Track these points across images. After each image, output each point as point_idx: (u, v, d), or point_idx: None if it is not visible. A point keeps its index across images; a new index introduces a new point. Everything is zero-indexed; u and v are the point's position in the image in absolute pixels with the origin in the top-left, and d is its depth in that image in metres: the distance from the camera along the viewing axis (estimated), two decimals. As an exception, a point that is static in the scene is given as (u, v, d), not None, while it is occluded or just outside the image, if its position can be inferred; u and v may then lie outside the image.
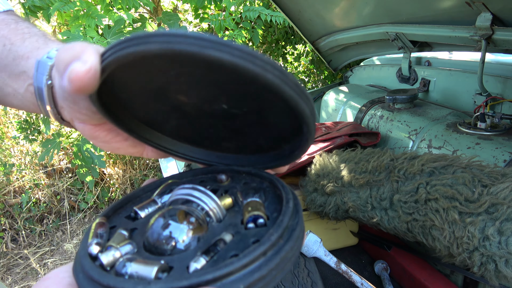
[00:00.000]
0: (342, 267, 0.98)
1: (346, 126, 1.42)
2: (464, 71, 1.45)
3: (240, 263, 0.29)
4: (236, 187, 0.46)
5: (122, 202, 0.45)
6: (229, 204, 0.42)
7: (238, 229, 0.37)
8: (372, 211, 1.02)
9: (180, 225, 0.36)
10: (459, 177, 0.86)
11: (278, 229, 0.33)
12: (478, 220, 0.79)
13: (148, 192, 0.48)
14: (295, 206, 0.38)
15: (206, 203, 0.39)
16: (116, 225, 0.41)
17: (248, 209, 0.39)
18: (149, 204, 0.43)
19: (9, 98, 0.50)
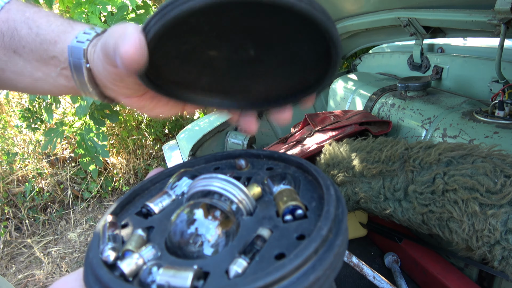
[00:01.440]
0: (354, 259, 0.95)
1: (356, 115, 1.38)
2: (479, 57, 1.40)
3: (292, 265, 0.25)
4: (259, 173, 0.40)
5: (130, 197, 0.40)
6: (258, 194, 0.37)
7: (275, 223, 0.33)
8: (385, 202, 0.98)
9: (208, 221, 0.31)
10: (480, 167, 0.81)
11: (327, 221, 0.29)
12: (501, 212, 0.75)
13: (156, 184, 0.43)
14: (336, 192, 0.34)
15: (234, 194, 0.34)
16: (127, 223, 0.36)
17: (282, 199, 0.34)
18: (161, 197, 0.38)
19: (39, 83, 0.50)
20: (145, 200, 0.39)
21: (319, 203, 0.34)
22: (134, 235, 0.33)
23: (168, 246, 0.32)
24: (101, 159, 2.70)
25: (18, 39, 0.47)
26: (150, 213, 0.37)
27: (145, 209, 0.38)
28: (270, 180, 0.38)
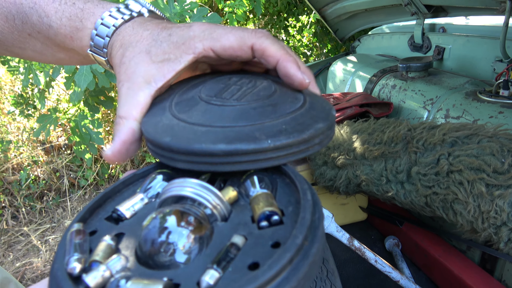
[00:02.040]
0: (355, 243, 0.93)
1: (356, 97, 1.34)
2: (482, 36, 1.36)
3: (265, 276, 0.24)
4: (235, 175, 0.39)
5: (100, 200, 0.37)
6: (234, 198, 0.35)
7: (250, 229, 0.31)
8: (387, 184, 0.96)
9: (180, 228, 0.30)
10: (486, 146, 0.79)
11: (302, 229, 0.28)
12: (508, 192, 0.72)
13: (129, 186, 0.40)
14: (313, 197, 0.32)
15: (208, 199, 0.32)
16: (96, 229, 0.34)
17: (258, 204, 0.33)
18: (133, 201, 0.36)
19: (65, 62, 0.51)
20: (116, 204, 0.37)
21: (296, 208, 0.33)
22: (102, 244, 0.31)
23: (139, 255, 0.30)
24: (96, 147, 2.66)
25: (31, 25, 0.47)
26: (121, 218, 0.35)
27: (115, 214, 0.36)
28: (246, 183, 0.36)
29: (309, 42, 4.02)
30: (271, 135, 0.35)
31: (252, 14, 3.69)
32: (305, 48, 4.06)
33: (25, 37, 0.49)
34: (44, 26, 0.46)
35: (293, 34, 4.04)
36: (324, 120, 0.39)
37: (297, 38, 4.07)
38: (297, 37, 4.07)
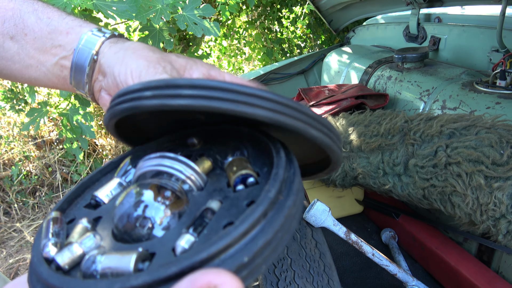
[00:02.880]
0: (352, 237, 0.92)
1: (351, 88, 1.33)
2: (478, 26, 1.34)
3: (238, 231, 0.24)
4: (212, 148, 0.39)
5: (78, 190, 0.37)
6: (209, 168, 0.35)
7: (226, 194, 0.31)
8: (384, 177, 0.94)
9: (155, 202, 0.29)
10: (484, 138, 0.78)
11: (275, 183, 0.27)
12: (507, 184, 0.71)
13: (107, 174, 0.40)
14: (287, 155, 0.32)
15: (181, 170, 0.32)
16: (75, 217, 0.34)
17: (232, 169, 0.33)
18: (111, 186, 0.36)
19: (29, 70, 0.52)
20: (94, 191, 0.36)
21: (271, 168, 0.32)
22: (78, 227, 0.31)
23: (115, 233, 0.30)
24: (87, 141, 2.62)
25: (22, 27, 0.50)
26: (99, 203, 0.35)
27: (93, 201, 0.35)
28: (221, 153, 0.36)
29: (303, 34, 3.99)
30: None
31: (245, 5, 3.64)
32: (298, 39, 4.02)
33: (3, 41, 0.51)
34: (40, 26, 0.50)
35: (287, 25, 4.00)
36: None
37: (290, 30, 4.04)
38: (290, 29, 4.03)
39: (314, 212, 0.87)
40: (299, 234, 0.89)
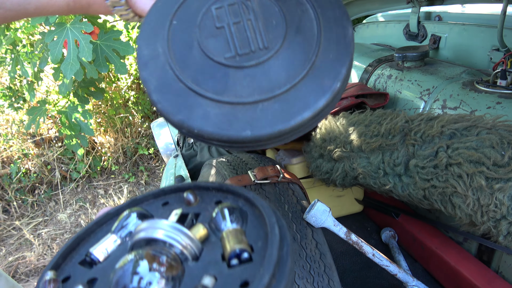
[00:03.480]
0: (353, 237, 0.92)
1: (351, 87, 1.32)
2: (479, 25, 1.34)
3: None
4: (207, 208, 0.39)
5: (74, 244, 0.37)
6: (204, 236, 0.35)
7: (221, 269, 0.32)
8: (385, 177, 0.94)
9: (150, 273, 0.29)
10: (485, 139, 0.77)
11: (269, 267, 0.28)
12: (508, 186, 0.71)
13: (103, 225, 0.40)
14: (281, 229, 0.33)
15: (178, 240, 0.32)
16: (70, 275, 0.34)
17: (229, 241, 0.33)
18: (106, 242, 0.36)
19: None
20: (90, 245, 0.37)
21: (265, 243, 0.33)
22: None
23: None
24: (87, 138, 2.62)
25: None
26: (94, 261, 0.35)
27: (88, 258, 0.36)
28: (217, 218, 0.36)
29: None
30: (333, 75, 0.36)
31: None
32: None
33: None
34: None
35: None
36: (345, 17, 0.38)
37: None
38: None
39: (315, 212, 0.87)
40: (299, 234, 0.89)
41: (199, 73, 0.40)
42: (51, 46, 1.91)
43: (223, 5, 0.42)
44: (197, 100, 0.39)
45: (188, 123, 0.38)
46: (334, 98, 0.36)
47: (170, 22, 0.43)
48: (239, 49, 0.40)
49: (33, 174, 3.32)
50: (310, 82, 0.37)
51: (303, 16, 0.39)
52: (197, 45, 0.41)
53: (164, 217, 0.39)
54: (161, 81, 0.41)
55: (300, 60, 0.38)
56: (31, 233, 3.00)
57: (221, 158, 1.17)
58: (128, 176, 3.44)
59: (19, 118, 3.44)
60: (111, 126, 3.46)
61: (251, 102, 0.38)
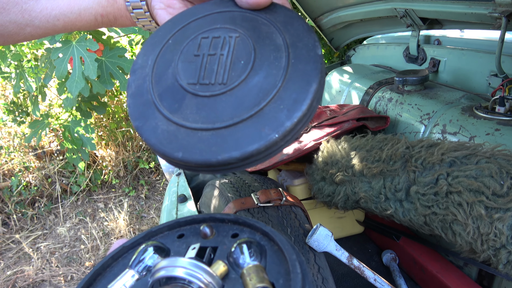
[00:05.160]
0: (354, 262, 0.93)
1: (353, 110, 1.35)
2: (477, 50, 1.37)
3: None
4: (224, 242, 0.39)
5: (91, 279, 0.38)
6: (224, 272, 0.36)
7: None
8: (386, 202, 0.96)
9: None
10: (485, 168, 0.79)
11: None
12: (507, 216, 0.73)
13: (118, 259, 0.41)
14: (301, 266, 0.33)
15: (199, 278, 0.32)
16: None
17: (250, 279, 0.33)
18: (124, 278, 0.36)
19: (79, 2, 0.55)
20: (108, 281, 0.37)
21: (286, 280, 0.34)
22: None
23: None
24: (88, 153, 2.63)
25: None
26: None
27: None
28: (236, 253, 0.37)
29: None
30: (274, 125, 0.36)
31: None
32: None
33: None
34: None
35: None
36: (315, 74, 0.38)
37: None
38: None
39: (317, 237, 0.89)
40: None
41: (165, 91, 0.43)
42: (56, 63, 1.94)
43: (209, 36, 0.46)
44: (154, 113, 0.42)
45: (140, 131, 0.41)
46: (269, 147, 0.37)
47: (167, 41, 0.47)
48: (201, 79, 0.42)
49: (34, 187, 3.33)
50: (251, 125, 0.38)
51: (273, 62, 0.41)
52: (174, 66, 0.45)
53: (180, 250, 0.39)
54: (137, 89, 0.44)
55: (250, 103, 0.39)
56: (30, 246, 2.99)
57: (224, 179, 1.19)
58: (128, 190, 3.45)
59: (21, 131, 3.46)
60: (112, 140, 3.48)
61: (192, 128, 0.40)
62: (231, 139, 0.37)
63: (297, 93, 0.38)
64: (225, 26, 0.46)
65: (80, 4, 0.55)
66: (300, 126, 0.38)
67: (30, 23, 0.56)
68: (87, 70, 1.91)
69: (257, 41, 0.43)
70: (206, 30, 0.47)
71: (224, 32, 0.45)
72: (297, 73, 0.39)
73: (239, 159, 0.36)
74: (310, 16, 1.96)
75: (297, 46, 0.41)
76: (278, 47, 0.41)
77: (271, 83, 0.39)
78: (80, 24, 0.57)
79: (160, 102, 0.42)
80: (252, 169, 1.29)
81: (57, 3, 0.55)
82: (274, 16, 0.45)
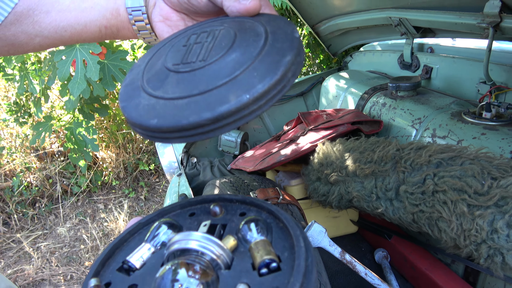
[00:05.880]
0: (347, 257, 0.98)
1: (348, 114, 1.40)
2: (467, 58, 1.43)
3: None
4: (233, 219, 0.43)
5: (110, 252, 0.41)
6: (234, 246, 0.39)
7: (252, 277, 0.35)
8: (377, 201, 1.01)
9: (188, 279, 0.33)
10: (468, 169, 0.85)
11: (298, 276, 0.32)
12: (487, 213, 0.78)
13: (134, 234, 0.44)
14: (305, 242, 0.36)
15: (211, 250, 0.36)
16: (110, 281, 0.38)
17: (258, 252, 0.36)
18: (141, 251, 0.40)
19: (84, 14, 0.60)
20: (125, 254, 0.40)
21: (291, 253, 0.36)
22: None
23: None
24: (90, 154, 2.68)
25: None
26: (131, 268, 0.38)
27: (126, 265, 0.38)
28: (244, 229, 0.40)
29: (302, 53, 4.09)
30: (247, 87, 0.37)
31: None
32: (298, 58, 4.13)
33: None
34: None
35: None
36: (290, 49, 0.41)
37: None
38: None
39: (312, 233, 0.94)
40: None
41: (152, 76, 0.46)
42: (59, 65, 1.99)
43: (198, 32, 0.50)
44: (140, 94, 0.44)
45: (125, 110, 0.43)
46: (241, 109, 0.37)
47: (163, 45, 0.52)
48: (184, 60, 0.45)
49: (35, 188, 3.37)
50: (224, 90, 0.38)
51: (251, 43, 0.43)
52: (164, 57, 0.48)
53: (192, 227, 0.42)
54: (130, 80, 0.48)
55: (226, 73, 0.40)
56: (31, 246, 3.03)
57: (224, 179, 1.24)
58: (128, 191, 3.49)
59: (22, 132, 3.51)
60: (113, 142, 3.53)
61: (169, 98, 0.41)
62: (204, 103, 0.38)
63: (271, 64, 0.39)
64: (214, 25, 0.50)
65: (86, 17, 0.60)
66: (273, 94, 0.38)
67: (40, 34, 0.61)
68: (89, 72, 1.96)
69: (240, 30, 0.46)
70: (197, 28, 0.51)
71: (212, 28, 0.49)
72: (273, 49, 0.41)
73: (210, 120, 0.37)
74: (309, 23, 2.03)
75: (276, 32, 0.44)
76: (259, 33, 0.44)
77: (248, 57, 0.41)
78: (86, 35, 0.62)
79: (146, 84, 0.45)
80: (251, 170, 1.35)
81: (65, 16, 0.60)
82: (258, 17, 0.49)
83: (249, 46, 0.42)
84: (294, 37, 0.42)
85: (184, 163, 1.65)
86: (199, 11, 0.57)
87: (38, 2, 0.59)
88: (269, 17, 0.49)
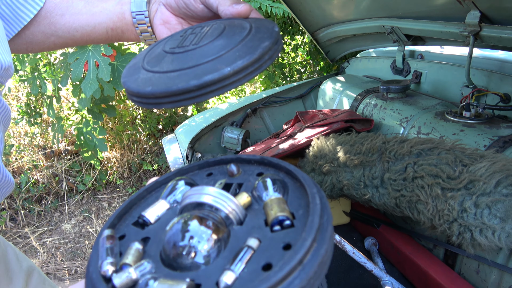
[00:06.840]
0: (336, 237, 1.09)
1: (342, 113, 1.52)
2: (453, 64, 1.55)
3: (277, 277, 0.27)
4: (249, 179, 0.42)
5: (127, 207, 0.42)
6: (248, 203, 0.38)
7: (264, 233, 0.34)
8: (365, 188, 1.12)
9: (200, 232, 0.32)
10: (443, 157, 0.96)
11: (311, 231, 0.30)
12: (458, 194, 0.89)
13: (152, 192, 0.45)
14: (321, 199, 0.34)
15: (224, 205, 0.35)
16: (125, 234, 0.38)
17: (272, 209, 0.35)
18: (157, 207, 0.40)
19: (94, 17, 0.67)
20: (142, 209, 0.41)
21: (306, 211, 0.35)
22: (131, 248, 0.34)
23: (163, 258, 0.33)
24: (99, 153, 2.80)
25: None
26: (146, 223, 0.39)
27: (141, 220, 0.39)
28: (259, 187, 0.39)
29: (303, 60, 4.23)
30: (229, 63, 0.43)
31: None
32: (299, 65, 4.27)
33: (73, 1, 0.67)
34: None
35: (288, 51, 4.25)
36: (269, 38, 0.47)
37: (291, 56, 4.28)
38: (291, 55, 4.27)
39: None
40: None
41: (152, 58, 0.53)
42: (73, 66, 2.12)
43: (194, 27, 0.58)
44: (140, 71, 0.51)
45: (126, 84, 0.48)
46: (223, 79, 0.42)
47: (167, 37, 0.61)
48: (180, 44, 0.53)
49: (42, 185, 3.48)
50: (210, 64, 0.44)
51: (237, 33, 0.50)
52: (163, 45, 0.56)
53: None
54: (133, 63, 0.55)
55: (212, 53, 0.46)
56: (36, 241, 3.13)
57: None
58: (132, 190, 3.60)
59: (30, 131, 3.63)
60: (118, 142, 3.65)
61: (163, 71, 0.47)
62: (192, 73, 0.43)
63: (252, 47, 0.45)
64: (209, 23, 0.58)
65: (96, 20, 0.68)
66: (251, 70, 0.44)
67: (55, 33, 0.69)
68: (101, 73, 2.09)
69: (229, 25, 0.54)
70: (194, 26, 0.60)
71: (206, 24, 0.58)
72: (255, 38, 0.48)
73: (197, 86, 0.41)
74: (309, 30, 2.15)
75: (259, 27, 0.51)
76: (244, 27, 0.52)
77: (233, 42, 0.48)
78: (94, 36, 0.70)
79: (146, 64, 0.52)
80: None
81: (77, 18, 0.68)
82: (247, 19, 0.58)
83: (235, 35, 0.49)
84: (274, 30, 0.49)
85: (189, 158, 1.76)
86: (195, 15, 0.65)
87: (55, 6, 0.68)
88: (256, 18, 0.58)
